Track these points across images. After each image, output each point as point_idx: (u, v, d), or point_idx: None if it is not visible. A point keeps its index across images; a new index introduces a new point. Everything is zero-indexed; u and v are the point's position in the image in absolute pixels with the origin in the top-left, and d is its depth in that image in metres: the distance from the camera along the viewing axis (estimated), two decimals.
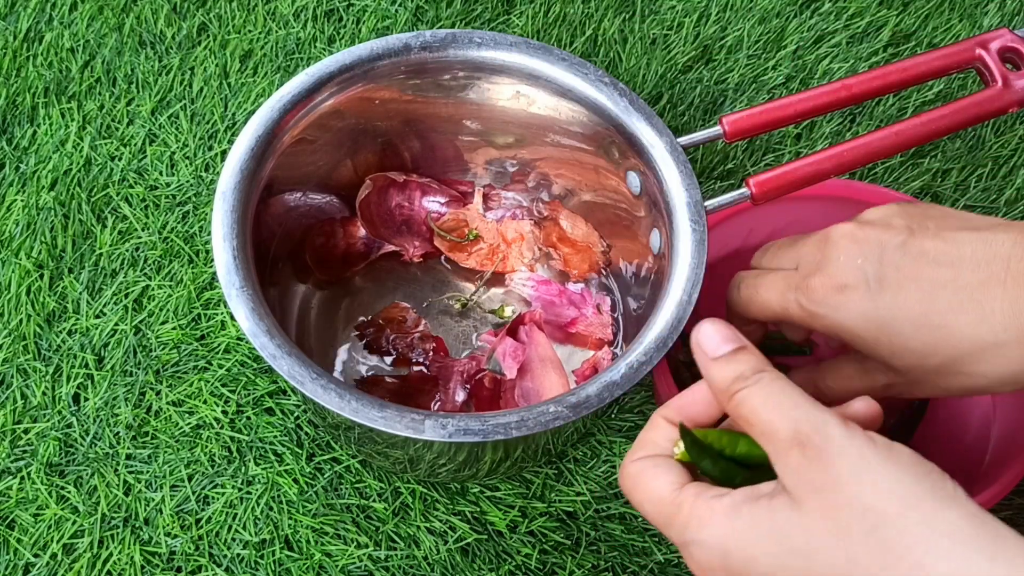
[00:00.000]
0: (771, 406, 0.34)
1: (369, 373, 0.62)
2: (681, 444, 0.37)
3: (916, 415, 0.61)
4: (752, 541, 0.33)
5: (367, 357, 0.63)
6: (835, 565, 0.31)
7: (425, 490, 0.60)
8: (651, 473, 0.37)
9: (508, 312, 0.65)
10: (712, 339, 0.38)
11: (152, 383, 0.63)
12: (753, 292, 0.49)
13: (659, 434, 0.39)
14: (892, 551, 0.30)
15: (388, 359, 0.63)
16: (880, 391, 0.47)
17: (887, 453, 0.32)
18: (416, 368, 0.62)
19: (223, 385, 0.62)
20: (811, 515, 0.32)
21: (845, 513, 0.31)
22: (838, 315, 0.45)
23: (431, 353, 0.62)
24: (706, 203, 0.52)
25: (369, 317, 0.64)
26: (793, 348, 0.56)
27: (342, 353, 0.63)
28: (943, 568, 0.29)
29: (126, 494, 0.59)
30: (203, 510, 0.59)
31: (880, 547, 0.31)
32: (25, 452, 0.60)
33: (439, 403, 0.61)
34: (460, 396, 0.61)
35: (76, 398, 0.62)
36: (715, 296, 0.55)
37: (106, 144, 0.71)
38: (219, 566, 0.57)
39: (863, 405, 0.37)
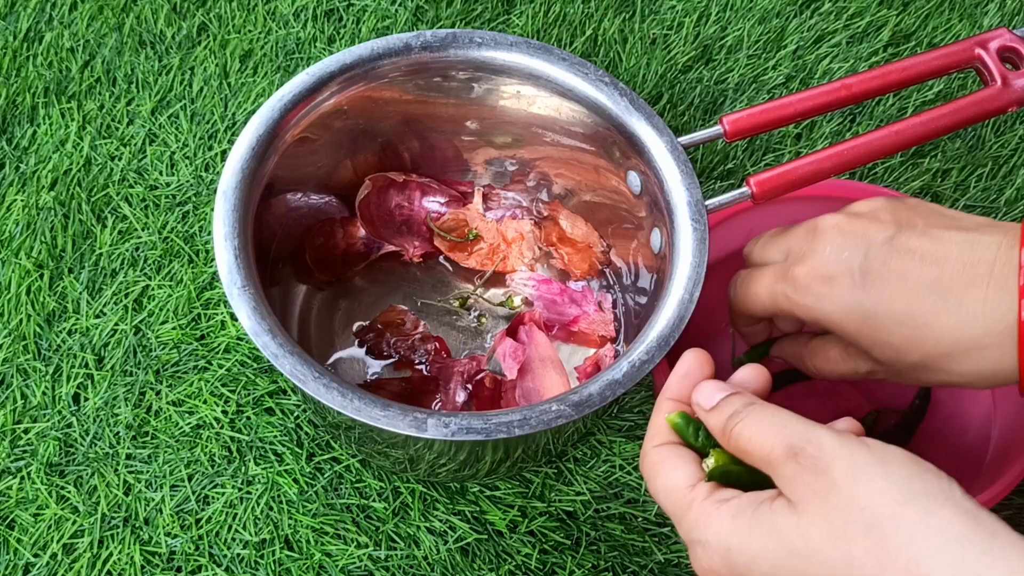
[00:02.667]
0: (764, 430, 0.36)
1: (372, 377, 0.62)
2: (710, 461, 0.39)
3: (916, 415, 0.61)
4: (753, 543, 0.34)
5: (369, 363, 0.63)
6: (833, 565, 0.32)
7: (425, 490, 0.60)
8: (670, 464, 0.38)
9: (517, 302, 0.65)
10: (707, 393, 0.39)
11: (152, 383, 0.62)
12: (745, 288, 0.50)
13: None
14: (887, 550, 0.31)
15: (390, 362, 0.62)
16: (862, 376, 0.48)
17: (881, 455, 0.33)
18: (418, 368, 0.62)
19: (223, 385, 0.62)
20: (809, 517, 0.33)
21: (841, 515, 0.32)
22: (822, 305, 0.45)
23: (433, 354, 0.62)
24: (707, 202, 0.52)
25: (367, 322, 0.63)
26: (802, 377, 0.57)
27: (343, 356, 0.63)
28: (937, 564, 0.30)
29: (126, 494, 0.59)
30: (203, 510, 0.59)
31: (876, 546, 0.31)
32: (25, 452, 0.60)
33: (439, 404, 0.61)
34: (461, 397, 0.61)
35: (76, 398, 0.62)
36: (715, 296, 0.55)
37: (106, 144, 0.71)
38: (219, 566, 0.57)
39: (846, 424, 0.38)
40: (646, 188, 0.56)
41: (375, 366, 0.62)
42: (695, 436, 0.40)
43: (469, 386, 0.61)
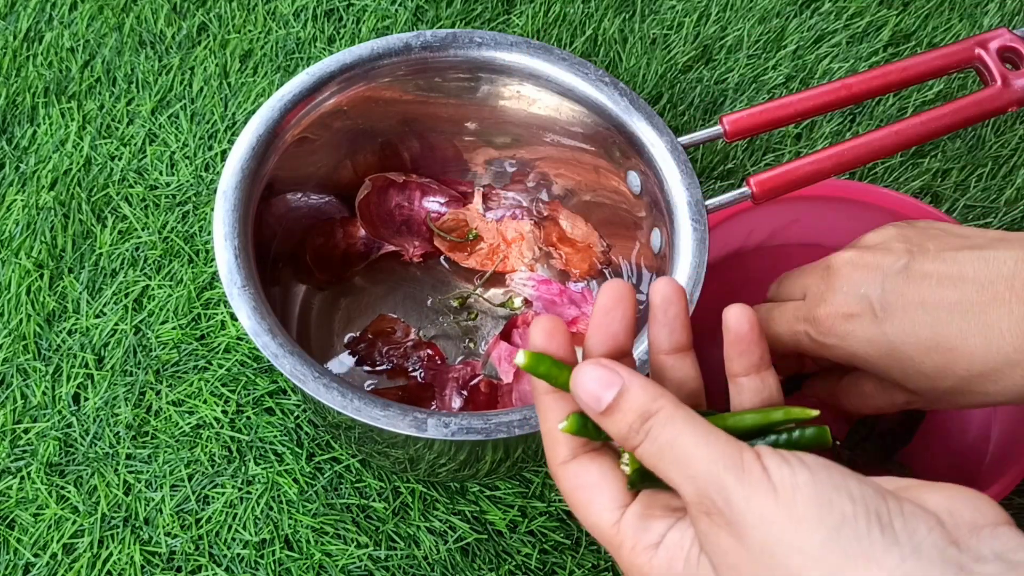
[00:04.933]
0: (668, 462, 0.32)
1: (369, 388, 0.62)
2: (626, 463, 0.34)
3: (916, 415, 0.61)
4: None
5: (364, 375, 0.63)
6: None
7: (425, 490, 0.60)
8: (585, 495, 0.34)
9: (517, 303, 0.65)
10: (589, 390, 0.33)
11: (152, 383, 0.62)
12: (765, 327, 0.49)
13: (562, 418, 0.35)
14: None
15: (383, 372, 0.62)
16: (900, 407, 0.47)
17: (789, 499, 0.29)
18: (412, 376, 0.62)
19: (223, 385, 0.62)
20: (733, 571, 0.31)
21: (764, 567, 0.30)
22: (847, 344, 0.45)
23: (427, 360, 0.61)
24: (707, 202, 0.52)
25: (358, 333, 0.63)
26: (799, 387, 0.57)
27: (341, 363, 0.63)
28: None
29: (126, 494, 0.59)
30: (203, 510, 0.59)
31: None
32: (25, 452, 0.60)
33: (435, 409, 0.60)
34: (457, 403, 0.60)
35: (76, 398, 0.62)
36: (716, 296, 0.55)
37: (106, 144, 0.71)
38: (219, 566, 0.57)
39: (766, 449, 0.34)
40: (646, 188, 0.56)
41: (370, 377, 0.62)
42: (599, 432, 0.34)
43: (465, 391, 0.60)
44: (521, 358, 0.34)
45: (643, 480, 0.34)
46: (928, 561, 0.28)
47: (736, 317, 0.37)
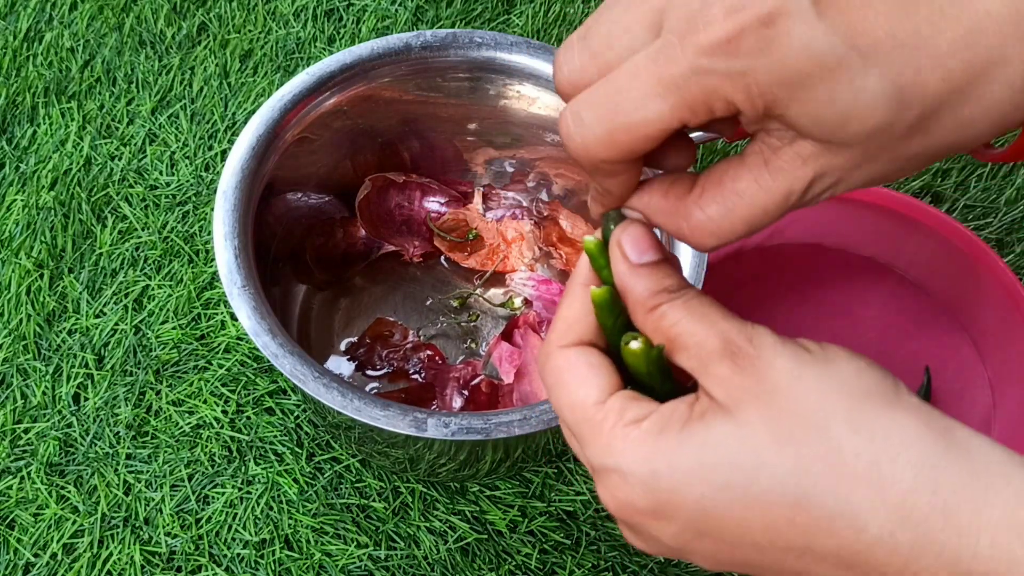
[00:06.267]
0: (696, 318, 0.29)
1: (371, 392, 0.62)
2: (636, 343, 0.31)
3: None
4: (684, 462, 0.28)
5: (367, 380, 0.63)
6: (783, 476, 0.27)
7: (425, 489, 0.60)
8: (579, 373, 0.31)
9: (518, 303, 0.65)
10: (638, 244, 0.31)
11: (152, 383, 0.62)
12: (604, 112, 0.29)
13: (585, 309, 0.32)
14: (843, 453, 0.27)
15: (384, 376, 0.62)
16: (794, 197, 0.29)
17: (822, 354, 0.28)
18: (413, 378, 0.62)
19: (223, 385, 0.62)
20: (750, 425, 0.28)
21: (788, 418, 0.27)
22: (770, 61, 0.27)
23: (427, 361, 0.61)
24: None
25: (356, 338, 0.63)
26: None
27: (341, 364, 0.63)
28: (902, 464, 0.27)
29: (126, 494, 0.59)
30: (203, 510, 0.59)
31: (830, 451, 0.27)
32: (25, 452, 0.60)
33: (436, 409, 0.60)
34: (457, 403, 0.60)
35: (76, 398, 0.62)
36: (716, 296, 0.54)
37: (106, 144, 0.71)
38: (219, 566, 0.57)
39: None
40: None
41: (371, 382, 0.62)
42: (613, 315, 0.31)
43: (466, 391, 0.60)
44: (591, 239, 0.32)
45: (648, 375, 0.31)
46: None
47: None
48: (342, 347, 0.63)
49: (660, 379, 0.31)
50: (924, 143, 0.28)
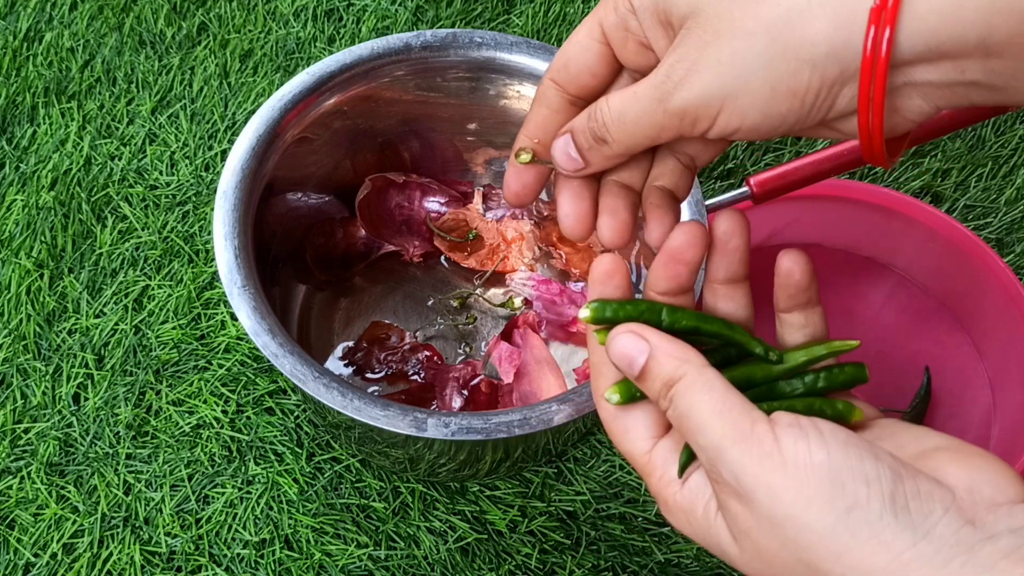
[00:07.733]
0: (685, 430, 0.32)
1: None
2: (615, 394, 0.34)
3: (916, 416, 0.61)
4: (710, 544, 0.33)
5: (367, 383, 0.63)
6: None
7: (425, 489, 0.60)
8: (624, 424, 0.34)
9: (518, 303, 0.65)
10: (623, 353, 0.33)
11: (152, 383, 0.62)
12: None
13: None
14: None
15: (383, 379, 0.62)
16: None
17: (801, 477, 0.29)
18: (412, 379, 0.61)
19: (223, 385, 0.62)
20: (746, 554, 0.31)
21: (771, 546, 0.30)
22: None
23: (426, 361, 0.61)
24: (707, 202, 0.52)
25: (352, 343, 0.63)
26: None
27: (341, 370, 0.63)
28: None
29: (126, 494, 0.59)
30: (203, 510, 0.59)
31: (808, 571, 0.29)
32: (25, 452, 0.60)
33: (436, 409, 0.60)
34: (457, 402, 0.60)
35: (76, 398, 0.62)
36: None
37: (106, 144, 0.71)
38: (219, 566, 0.57)
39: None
40: None
41: (370, 385, 0.62)
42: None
43: (465, 391, 0.60)
44: (585, 312, 0.34)
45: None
46: (939, 543, 0.28)
47: (788, 265, 0.37)
48: (339, 352, 0.63)
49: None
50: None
